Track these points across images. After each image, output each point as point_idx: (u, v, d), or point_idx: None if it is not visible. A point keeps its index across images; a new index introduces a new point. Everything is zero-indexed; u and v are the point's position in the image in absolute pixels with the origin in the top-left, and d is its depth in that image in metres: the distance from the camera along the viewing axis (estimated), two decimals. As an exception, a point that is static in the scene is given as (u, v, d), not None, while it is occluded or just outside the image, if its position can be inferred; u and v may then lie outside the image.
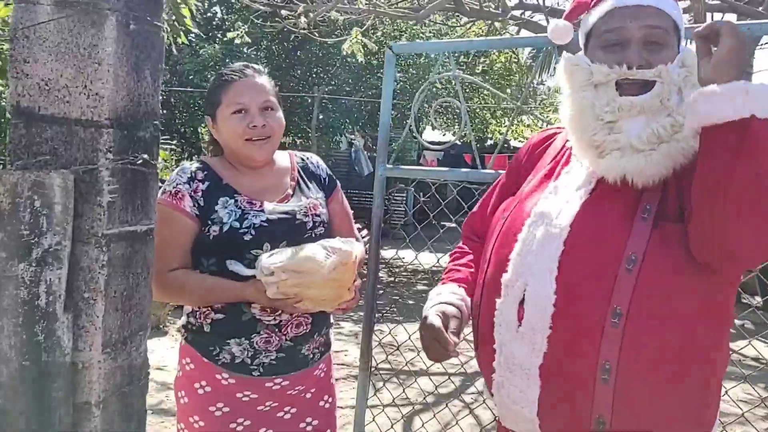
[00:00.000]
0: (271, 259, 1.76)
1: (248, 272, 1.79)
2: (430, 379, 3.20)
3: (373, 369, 2.87)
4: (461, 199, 2.87)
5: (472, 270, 1.70)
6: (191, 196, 1.89)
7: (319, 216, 2.00)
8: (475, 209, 1.88)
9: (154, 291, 1.90)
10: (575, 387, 1.35)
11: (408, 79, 11.83)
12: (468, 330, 1.60)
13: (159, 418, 4.43)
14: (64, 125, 1.57)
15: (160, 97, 1.81)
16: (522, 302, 1.44)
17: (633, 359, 1.30)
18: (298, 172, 2.08)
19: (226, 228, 1.87)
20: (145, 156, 1.71)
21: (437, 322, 1.53)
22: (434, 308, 1.58)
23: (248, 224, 1.88)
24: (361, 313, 2.64)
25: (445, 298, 1.61)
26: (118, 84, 1.60)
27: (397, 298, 8.36)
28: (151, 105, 1.76)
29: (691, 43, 1.56)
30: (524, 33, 8.16)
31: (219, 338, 1.92)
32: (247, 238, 1.88)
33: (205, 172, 1.97)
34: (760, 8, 6.92)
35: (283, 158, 2.12)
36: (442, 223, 3.02)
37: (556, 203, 1.48)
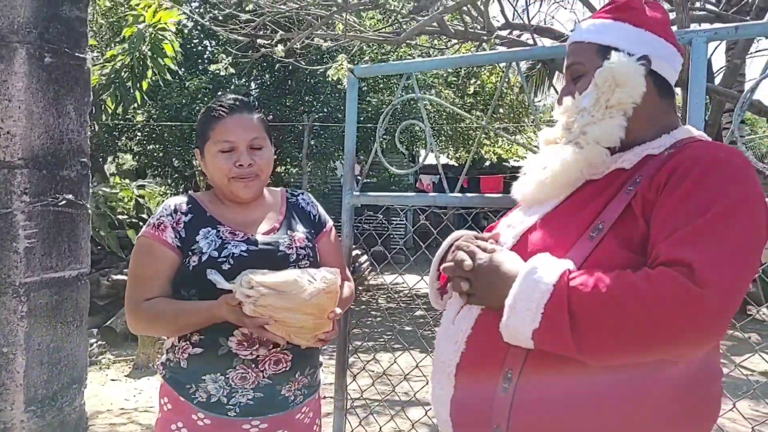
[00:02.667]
0: (254, 274, 1.66)
1: (227, 285, 1.69)
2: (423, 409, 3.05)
3: (356, 400, 2.72)
4: (460, 222, 2.75)
5: None
6: (173, 228, 1.81)
7: (303, 249, 1.91)
8: None
9: (130, 323, 1.82)
10: (479, 392, 1.33)
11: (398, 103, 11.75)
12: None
13: (143, 463, 4.27)
14: (-25, 168, 1.47)
15: (89, 133, 1.71)
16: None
17: (534, 372, 1.25)
18: (287, 207, 2.01)
19: (204, 258, 1.78)
20: (70, 196, 1.61)
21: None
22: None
23: (227, 253, 1.78)
24: (357, 343, 2.49)
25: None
26: (32, 121, 1.50)
27: (395, 324, 8.20)
28: (76, 142, 1.65)
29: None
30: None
31: (195, 374, 1.82)
32: (226, 267, 1.79)
33: (190, 205, 1.88)
34: (748, 18, 6.86)
35: (273, 194, 2.03)
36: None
37: (525, 212, 1.47)
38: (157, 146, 12.74)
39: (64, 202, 1.57)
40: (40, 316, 1.54)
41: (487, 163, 16.77)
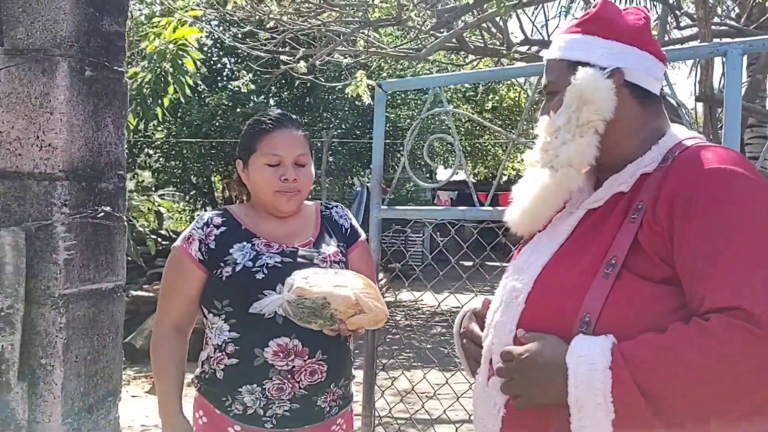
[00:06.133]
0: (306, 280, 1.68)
1: (272, 300, 1.70)
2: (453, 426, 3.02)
3: (383, 418, 2.70)
4: (480, 238, 2.73)
5: None
6: (201, 241, 1.82)
7: (337, 264, 1.91)
8: None
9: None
10: None
11: (415, 118, 11.78)
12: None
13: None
14: (16, 180, 1.47)
15: (125, 146, 1.72)
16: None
17: None
18: (322, 221, 2.03)
19: (239, 268, 1.80)
20: (108, 208, 1.61)
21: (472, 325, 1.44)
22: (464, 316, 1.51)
23: (261, 263, 1.80)
24: (383, 360, 2.50)
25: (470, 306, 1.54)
26: (73, 134, 1.51)
27: (414, 341, 8.15)
28: (114, 154, 1.67)
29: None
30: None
31: (231, 386, 1.81)
32: (260, 276, 1.79)
33: (224, 219, 1.91)
34: (769, 31, 6.82)
35: (308, 208, 2.05)
36: (461, 262, 2.87)
37: (532, 254, 1.38)
38: (176, 162, 12.85)
39: (102, 214, 1.58)
40: (77, 328, 1.54)
41: (505, 178, 16.74)
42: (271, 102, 12.34)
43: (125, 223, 1.67)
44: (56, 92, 1.48)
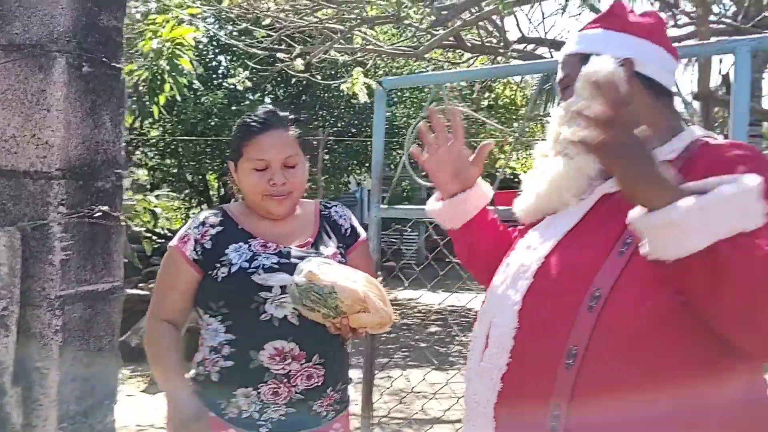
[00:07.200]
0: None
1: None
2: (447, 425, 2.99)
3: (381, 418, 2.68)
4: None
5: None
6: (196, 240, 1.80)
7: None
8: None
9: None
10: (524, 430, 1.24)
11: (411, 117, 11.82)
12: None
13: (161, 482, 4.21)
14: (11, 178, 1.44)
15: (123, 145, 1.69)
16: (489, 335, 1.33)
17: (585, 403, 1.16)
18: (321, 221, 1.99)
19: (234, 268, 1.78)
20: (105, 208, 1.58)
21: None
22: None
23: (258, 264, 1.77)
24: (383, 360, 2.48)
25: None
26: (70, 131, 1.47)
27: (410, 340, 8.13)
28: (111, 153, 1.63)
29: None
30: (527, 66, 8.06)
31: (226, 389, 1.80)
32: (255, 278, 1.77)
33: (221, 218, 1.88)
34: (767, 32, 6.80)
35: (307, 207, 2.02)
36: (456, 261, 2.83)
37: (543, 233, 1.40)
38: (171, 161, 12.81)
39: (99, 213, 1.54)
40: (73, 330, 1.51)
41: (500, 177, 16.72)
42: (267, 100, 12.31)
43: (122, 223, 1.63)
44: (53, 89, 1.44)
